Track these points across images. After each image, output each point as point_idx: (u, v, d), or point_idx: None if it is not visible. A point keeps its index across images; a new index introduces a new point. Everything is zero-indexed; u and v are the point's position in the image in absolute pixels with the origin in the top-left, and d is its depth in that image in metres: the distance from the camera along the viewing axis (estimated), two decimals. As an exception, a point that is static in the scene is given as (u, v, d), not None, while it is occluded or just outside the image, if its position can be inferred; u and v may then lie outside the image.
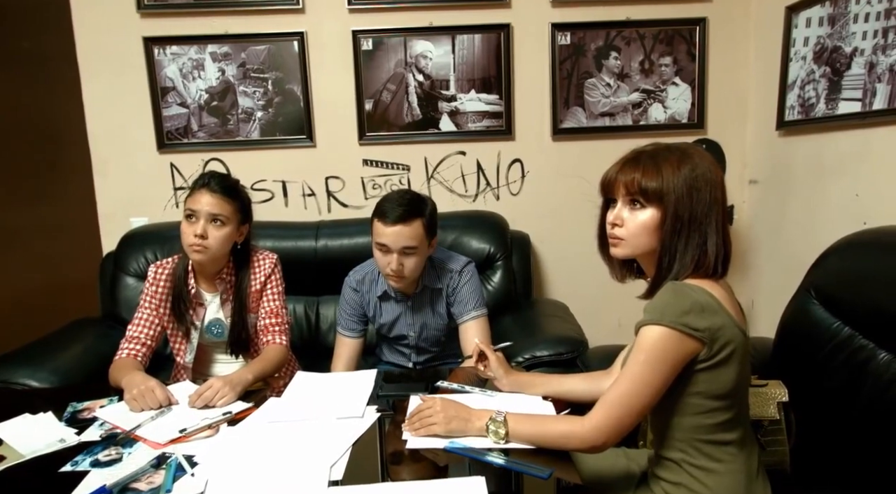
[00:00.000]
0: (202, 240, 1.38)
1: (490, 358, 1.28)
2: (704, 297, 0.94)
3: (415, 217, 1.51)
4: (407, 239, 1.49)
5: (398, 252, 1.50)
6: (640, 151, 1.03)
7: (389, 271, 1.53)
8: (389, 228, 1.49)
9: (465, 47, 2.26)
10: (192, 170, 2.30)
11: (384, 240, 1.50)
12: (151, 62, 2.21)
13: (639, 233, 1.00)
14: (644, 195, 0.98)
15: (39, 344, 1.85)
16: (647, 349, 0.94)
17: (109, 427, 1.15)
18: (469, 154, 2.34)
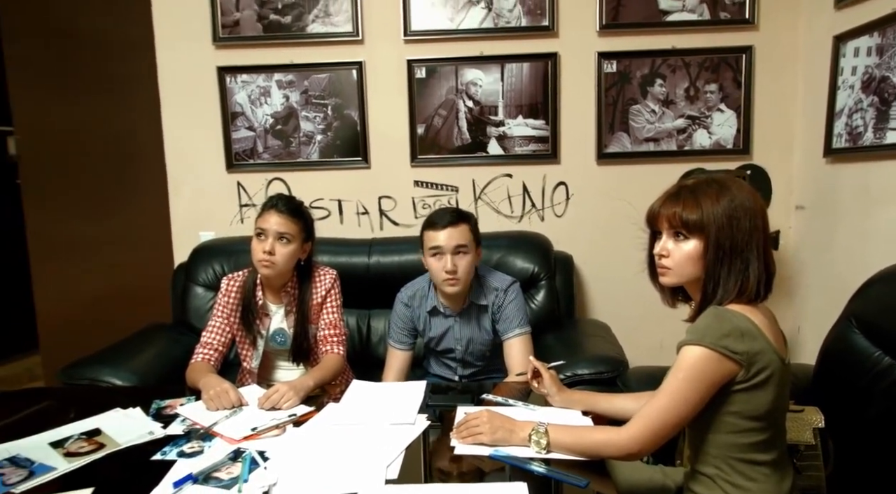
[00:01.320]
0: (270, 257, 1.53)
1: (544, 376, 1.34)
2: (745, 323, 1.01)
3: (462, 221, 1.66)
4: (458, 238, 1.63)
5: (451, 252, 1.62)
6: (681, 186, 1.11)
7: (445, 274, 1.63)
8: (441, 232, 1.63)
9: (513, 75, 2.36)
10: (256, 188, 2.48)
11: (437, 243, 1.63)
12: (224, 89, 2.41)
13: (683, 262, 1.08)
14: (686, 227, 1.06)
15: (119, 347, 2.03)
16: (687, 367, 1.01)
17: (190, 423, 1.29)
18: (515, 176, 2.44)
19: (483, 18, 2.32)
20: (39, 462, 1.11)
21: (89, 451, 1.16)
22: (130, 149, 2.64)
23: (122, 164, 2.65)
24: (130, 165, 2.66)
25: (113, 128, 2.63)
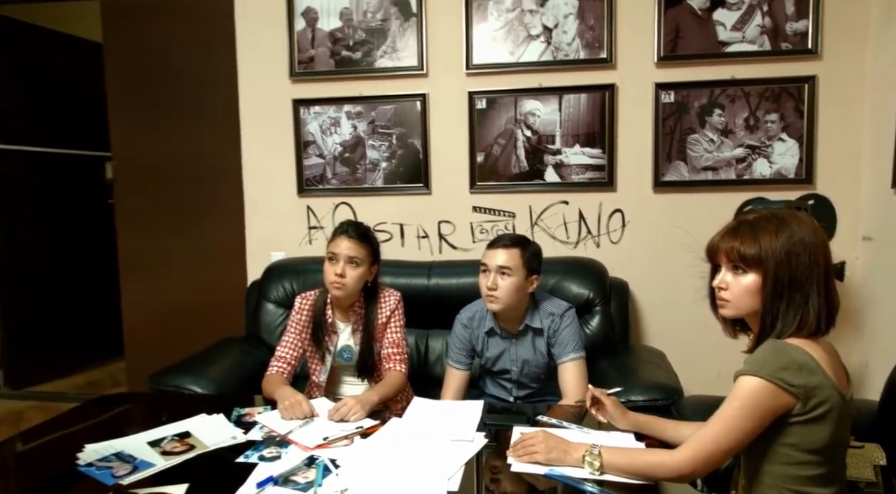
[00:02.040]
0: (342, 279, 1.65)
1: (605, 402, 1.37)
2: (803, 357, 1.03)
3: (516, 246, 1.74)
4: (503, 260, 1.71)
5: (494, 271, 1.71)
6: (741, 220, 1.15)
7: (486, 290, 1.72)
8: (491, 251, 1.74)
9: (571, 105, 2.44)
10: (324, 212, 2.64)
11: (485, 260, 1.74)
12: (298, 120, 2.60)
13: (742, 295, 1.11)
14: (744, 261, 1.10)
15: (199, 357, 2.20)
16: (742, 396, 1.04)
17: (267, 430, 1.41)
18: (572, 203, 2.49)
19: (542, 52, 2.42)
20: (141, 459, 1.25)
21: (182, 451, 1.30)
22: (211, 174, 2.86)
23: (204, 187, 2.87)
24: (211, 188, 2.88)
25: (196, 155, 2.86)
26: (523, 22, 2.41)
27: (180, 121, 2.86)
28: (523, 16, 2.41)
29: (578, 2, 2.37)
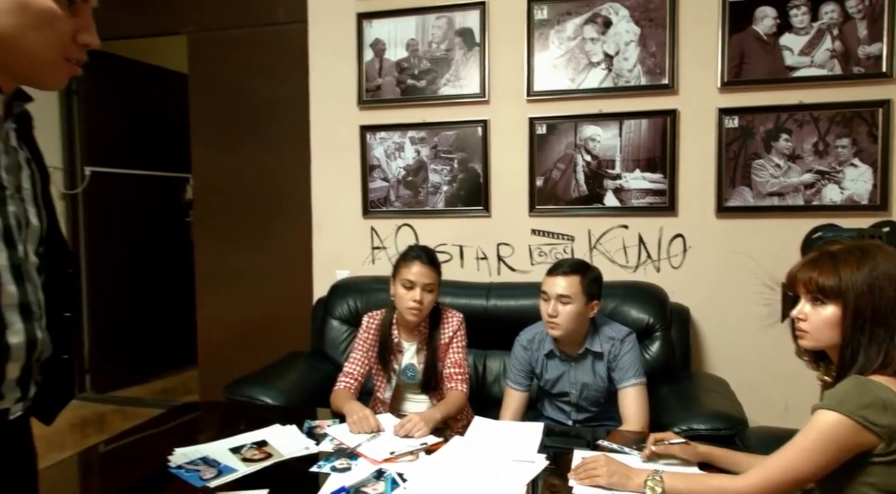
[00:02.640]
0: (420, 305, 1.73)
1: (673, 449, 1.32)
2: (889, 395, 1.01)
3: (575, 273, 1.76)
4: (563, 288, 1.73)
5: (555, 298, 1.74)
6: (822, 251, 1.14)
7: (547, 317, 1.76)
8: (550, 278, 1.77)
9: (631, 131, 2.46)
10: (387, 233, 2.74)
11: (545, 288, 1.77)
12: (364, 145, 2.73)
13: (821, 327, 1.11)
14: (822, 292, 1.10)
15: (269, 370, 2.33)
16: (819, 429, 1.02)
17: (337, 443, 1.49)
18: (631, 228, 2.50)
19: (603, 79, 2.45)
20: (224, 464, 1.36)
21: (260, 459, 1.39)
22: (282, 195, 3.03)
23: (275, 208, 3.04)
24: (281, 209, 3.05)
25: (269, 177, 3.04)
26: (584, 50, 2.46)
27: (255, 146, 3.06)
28: (584, 44, 2.46)
29: (640, 29, 2.40)
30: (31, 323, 0.85)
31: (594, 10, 2.44)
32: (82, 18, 0.83)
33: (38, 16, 0.79)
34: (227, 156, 3.13)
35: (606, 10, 2.43)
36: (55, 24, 0.80)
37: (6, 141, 0.84)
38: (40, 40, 0.80)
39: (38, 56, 0.81)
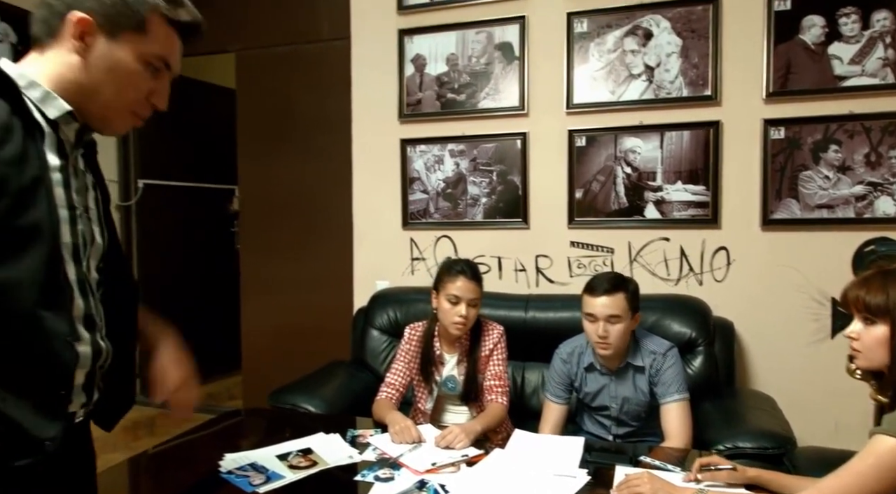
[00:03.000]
0: (465, 320, 1.76)
1: (721, 476, 1.28)
2: None
3: (619, 290, 1.74)
4: (611, 308, 1.71)
5: (604, 320, 1.72)
6: (876, 270, 1.13)
7: (597, 338, 1.74)
8: (597, 299, 1.73)
9: (672, 142, 2.43)
10: (426, 244, 2.78)
11: (592, 310, 1.74)
12: (404, 158, 2.78)
13: (872, 347, 1.09)
14: (869, 311, 1.08)
15: (311, 378, 2.38)
16: (878, 455, 1.00)
17: (380, 452, 1.52)
18: (673, 240, 2.47)
19: (644, 90, 2.44)
20: (272, 470, 1.40)
21: (306, 466, 1.43)
22: (324, 206, 3.10)
23: (317, 219, 3.12)
24: (323, 220, 3.12)
25: (311, 189, 3.12)
26: (624, 62, 2.46)
27: (299, 158, 3.15)
28: (625, 56, 2.45)
29: (682, 41, 2.38)
30: (94, 334, 0.92)
31: (635, 23, 2.43)
32: (161, 83, 0.93)
33: (126, 76, 0.88)
34: (272, 169, 3.23)
35: (647, 22, 2.42)
36: (138, 84, 0.90)
37: (76, 165, 0.91)
38: (120, 95, 0.89)
39: (111, 107, 0.91)
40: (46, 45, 0.87)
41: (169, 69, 0.93)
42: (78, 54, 0.85)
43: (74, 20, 0.84)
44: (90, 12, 0.84)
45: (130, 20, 0.86)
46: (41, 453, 0.81)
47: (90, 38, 0.85)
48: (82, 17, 0.84)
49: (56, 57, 0.86)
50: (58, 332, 0.82)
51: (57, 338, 0.82)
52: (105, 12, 0.85)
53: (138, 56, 0.88)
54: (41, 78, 0.85)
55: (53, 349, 0.82)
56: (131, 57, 0.88)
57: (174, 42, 0.93)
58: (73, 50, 0.85)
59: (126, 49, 0.87)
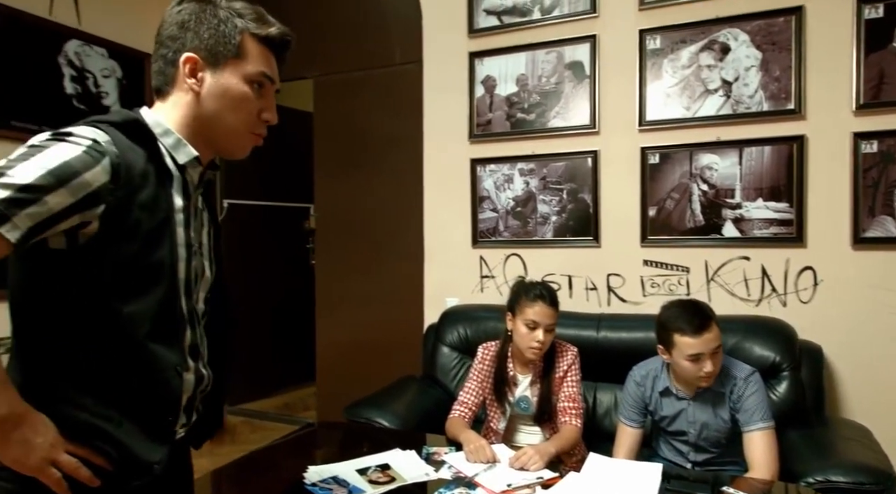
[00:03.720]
0: (542, 345, 1.77)
1: None
2: None
3: (713, 322, 1.69)
4: (714, 340, 1.66)
5: (711, 354, 1.66)
6: None
7: (703, 374, 1.66)
8: (700, 338, 1.65)
9: (752, 158, 2.35)
10: (496, 262, 2.81)
11: (698, 350, 1.65)
12: (474, 177, 2.82)
13: None
14: None
15: (384, 393, 2.45)
16: None
17: (455, 471, 1.55)
18: (753, 259, 2.38)
19: (721, 106, 2.38)
20: (353, 484, 1.46)
21: (385, 482, 1.48)
22: (396, 224, 3.19)
23: (389, 236, 3.22)
24: (395, 237, 3.21)
25: (384, 206, 3.23)
26: (700, 77, 2.41)
27: (372, 178, 3.26)
28: (700, 71, 2.40)
29: (762, 54, 2.31)
30: (198, 362, 0.99)
31: (710, 37, 2.38)
32: (267, 100, 1.00)
33: (235, 99, 0.95)
34: (346, 188, 3.36)
35: (724, 36, 2.36)
36: (248, 105, 0.96)
37: (196, 205, 1.00)
38: (235, 118, 0.96)
39: (233, 131, 0.98)
40: (167, 92, 0.96)
41: (272, 83, 0.99)
42: (193, 91, 0.93)
43: (183, 61, 0.92)
44: (195, 50, 0.92)
45: (228, 48, 0.93)
46: (150, 475, 0.88)
47: (201, 74, 0.93)
48: (189, 56, 0.92)
49: (177, 100, 0.95)
50: (169, 362, 0.89)
51: (168, 368, 0.89)
52: (206, 47, 0.93)
53: (243, 78, 0.95)
54: (171, 124, 0.94)
55: (164, 378, 0.89)
56: (237, 81, 0.94)
57: (269, 57, 0.98)
58: (189, 89, 0.93)
59: (231, 75, 0.94)
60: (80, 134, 0.79)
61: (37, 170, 0.72)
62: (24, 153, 0.75)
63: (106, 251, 0.80)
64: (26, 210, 0.70)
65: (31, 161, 0.73)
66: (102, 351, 0.82)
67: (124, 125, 0.86)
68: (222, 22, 0.93)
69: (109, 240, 0.79)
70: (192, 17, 0.93)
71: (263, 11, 0.99)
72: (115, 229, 0.79)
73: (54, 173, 0.73)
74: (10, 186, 0.70)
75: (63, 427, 0.78)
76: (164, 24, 0.95)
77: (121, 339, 0.84)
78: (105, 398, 0.83)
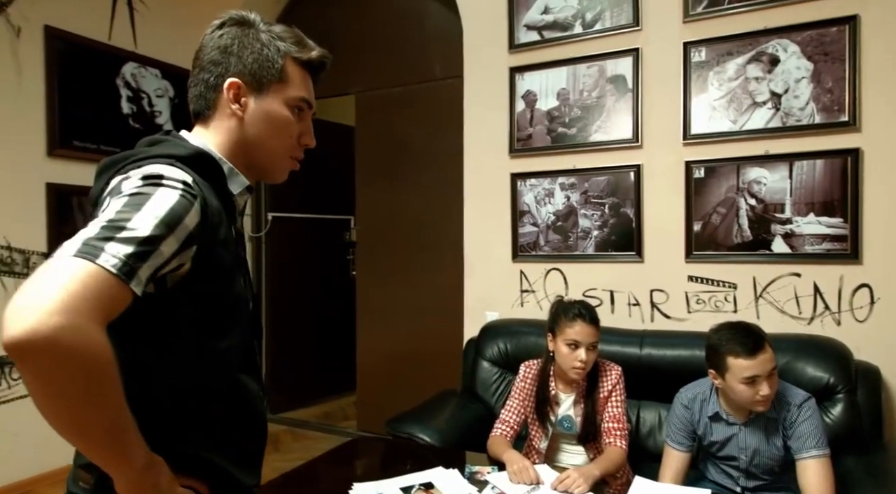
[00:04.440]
0: (585, 365, 1.76)
1: None
2: None
3: (765, 342, 1.64)
4: (770, 360, 1.62)
5: (766, 376, 1.61)
6: None
7: (760, 397, 1.62)
8: (756, 359, 1.61)
9: (803, 172, 2.28)
10: (536, 277, 2.80)
11: (754, 372, 1.60)
12: (515, 191, 2.82)
13: None
14: None
15: (425, 407, 2.46)
16: None
17: (498, 491, 1.55)
18: (805, 276, 2.30)
19: (769, 118, 2.32)
20: (398, 503, 1.48)
21: (429, 501, 1.50)
22: (436, 236, 3.22)
23: (429, 248, 3.25)
24: (435, 249, 3.24)
25: (424, 219, 3.26)
26: (748, 89, 2.35)
27: (412, 191, 3.30)
28: (748, 83, 2.35)
29: (813, 65, 2.25)
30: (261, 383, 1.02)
31: (759, 49, 2.33)
32: (305, 123, 0.99)
33: (278, 124, 0.95)
34: (387, 200, 3.41)
35: (773, 47, 2.31)
36: (289, 129, 0.96)
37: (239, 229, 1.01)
38: (277, 143, 0.96)
39: (275, 156, 0.97)
40: (208, 117, 0.94)
41: (310, 107, 0.99)
42: (236, 116, 0.92)
43: (228, 86, 0.91)
44: (238, 75, 0.91)
45: (272, 72, 0.93)
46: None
47: (244, 99, 0.92)
48: (234, 81, 0.91)
49: (219, 125, 0.93)
50: (256, 392, 0.92)
51: (257, 397, 0.92)
52: (251, 71, 0.92)
53: (285, 103, 0.94)
54: (216, 149, 0.92)
55: (255, 407, 0.92)
56: (279, 105, 0.94)
57: (308, 81, 0.98)
58: (232, 114, 0.92)
59: (274, 100, 0.93)
60: (171, 176, 0.78)
61: (151, 219, 0.71)
62: (132, 202, 0.73)
63: (195, 290, 0.80)
64: (147, 262, 0.70)
65: (143, 211, 0.72)
66: (204, 387, 0.84)
67: (195, 159, 0.85)
68: (265, 46, 0.92)
69: (197, 279, 0.79)
70: (235, 41, 0.92)
71: (302, 34, 0.98)
72: (203, 268, 0.79)
73: (165, 221, 0.72)
74: (133, 240, 0.69)
75: (171, 461, 0.78)
76: (203, 49, 0.94)
77: (219, 374, 0.86)
78: (208, 431, 0.85)
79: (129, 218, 0.71)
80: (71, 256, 0.66)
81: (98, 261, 0.66)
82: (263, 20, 0.96)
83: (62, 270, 0.64)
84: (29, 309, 0.61)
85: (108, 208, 0.73)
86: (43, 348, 0.60)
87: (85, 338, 0.63)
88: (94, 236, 0.68)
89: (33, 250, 2.78)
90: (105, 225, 0.70)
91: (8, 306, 0.62)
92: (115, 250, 0.67)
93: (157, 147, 0.86)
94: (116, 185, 0.78)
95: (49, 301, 0.61)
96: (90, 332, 0.63)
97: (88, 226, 0.71)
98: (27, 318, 0.60)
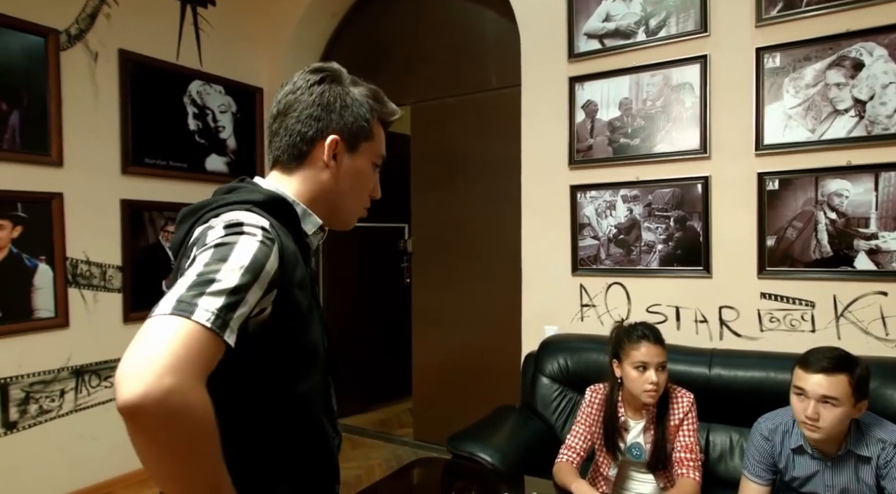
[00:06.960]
0: (656, 387, 1.71)
1: None
2: None
3: (840, 372, 1.53)
4: (827, 389, 1.52)
5: (816, 400, 1.53)
6: None
7: (805, 418, 1.55)
8: (811, 376, 1.54)
9: (891, 184, 2.14)
10: (596, 291, 2.73)
11: (803, 385, 1.56)
12: (574, 204, 2.76)
13: None
14: None
15: (484, 424, 2.44)
16: None
17: (568, 524, 1.52)
18: (892, 295, 2.16)
19: (852, 127, 2.18)
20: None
21: (498, 532, 1.48)
22: (492, 247, 3.19)
23: (484, 259, 3.22)
24: (491, 260, 3.21)
25: (480, 229, 3.24)
26: (827, 96, 2.22)
27: (468, 201, 3.28)
28: (827, 90, 2.22)
29: (902, 69, 2.10)
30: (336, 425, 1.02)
31: (840, 53, 2.19)
32: (376, 176, 1.03)
33: (363, 180, 0.99)
34: (442, 210, 3.41)
35: (857, 51, 2.16)
36: (368, 183, 1.01)
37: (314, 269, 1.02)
38: (358, 196, 1.00)
39: (355, 208, 1.01)
40: (295, 167, 0.96)
41: (384, 162, 1.03)
42: (329, 170, 0.95)
43: (329, 143, 0.93)
44: (338, 133, 0.94)
45: (365, 132, 0.96)
46: None
47: (340, 156, 0.95)
48: (335, 138, 0.94)
49: (308, 176, 0.95)
50: (332, 434, 0.94)
51: (332, 439, 0.94)
52: (349, 130, 0.95)
53: (371, 160, 0.99)
54: (297, 196, 0.95)
55: (331, 449, 0.93)
56: (367, 163, 0.98)
57: (383, 136, 1.02)
58: (325, 167, 0.94)
59: (363, 157, 0.97)
60: (251, 223, 0.80)
61: (237, 270, 0.73)
62: (218, 253, 0.75)
63: (274, 335, 0.81)
64: (237, 312, 0.71)
65: (229, 262, 0.73)
66: (288, 432, 0.86)
67: (271, 204, 0.87)
68: (360, 105, 0.95)
69: (277, 323, 0.80)
70: (337, 99, 0.94)
71: (379, 90, 1.01)
72: (282, 312, 0.80)
73: (249, 270, 0.73)
74: (223, 292, 0.70)
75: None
76: (299, 102, 0.94)
77: (302, 418, 0.88)
78: (292, 475, 0.87)
79: (217, 269, 0.73)
80: (167, 315, 0.68)
81: (194, 317, 0.68)
82: (349, 75, 0.99)
83: (164, 330, 0.67)
84: (139, 374, 0.64)
85: (196, 262, 0.75)
86: (155, 410, 0.63)
87: (191, 398, 0.65)
88: (187, 291, 0.70)
89: (110, 263, 2.92)
90: (195, 280, 0.71)
91: (118, 370, 0.65)
92: (208, 304, 0.69)
93: (233, 194, 0.89)
94: (201, 236, 0.80)
95: (157, 364, 0.64)
96: (195, 392, 0.66)
97: (178, 281, 0.73)
98: (138, 383, 0.63)
